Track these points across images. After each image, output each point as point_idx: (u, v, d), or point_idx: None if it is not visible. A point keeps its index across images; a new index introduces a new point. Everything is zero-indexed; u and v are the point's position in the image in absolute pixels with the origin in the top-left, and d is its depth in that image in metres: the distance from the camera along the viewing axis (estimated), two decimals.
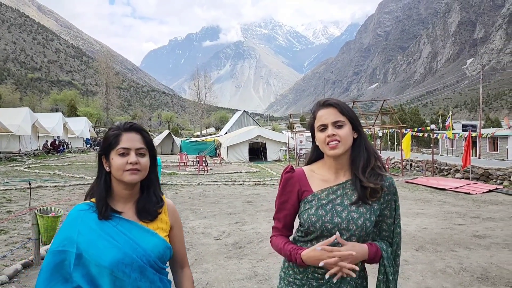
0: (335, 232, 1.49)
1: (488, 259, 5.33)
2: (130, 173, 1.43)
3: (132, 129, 1.49)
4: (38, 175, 15.63)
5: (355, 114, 1.57)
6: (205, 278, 4.56)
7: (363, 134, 1.58)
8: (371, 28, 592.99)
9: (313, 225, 1.51)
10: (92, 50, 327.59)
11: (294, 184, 1.60)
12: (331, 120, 1.53)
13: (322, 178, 1.59)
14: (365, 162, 1.55)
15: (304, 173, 1.63)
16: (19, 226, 6.89)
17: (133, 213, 1.50)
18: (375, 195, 1.53)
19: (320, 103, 1.60)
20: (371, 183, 1.51)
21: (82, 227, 1.42)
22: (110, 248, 1.38)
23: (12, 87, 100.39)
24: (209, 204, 9.55)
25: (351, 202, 1.53)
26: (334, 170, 1.59)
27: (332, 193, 1.55)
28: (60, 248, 1.40)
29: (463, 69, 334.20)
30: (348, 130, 1.53)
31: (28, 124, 26.92)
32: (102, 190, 1.47)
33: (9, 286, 4.19)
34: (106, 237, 1.40)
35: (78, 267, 1.38)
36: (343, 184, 1.56)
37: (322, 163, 1.63)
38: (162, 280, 1.48)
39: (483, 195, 11.05)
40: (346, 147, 1.53)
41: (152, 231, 1.49)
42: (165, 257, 1.50)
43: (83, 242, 1.39)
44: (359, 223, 1.50)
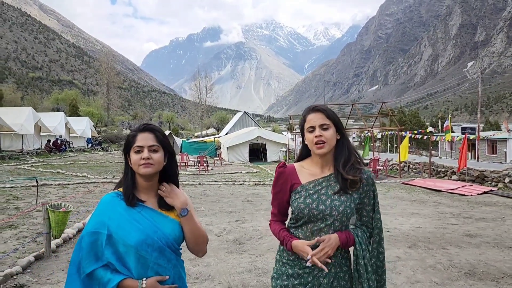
0: (320, 217, 1.78)
1: (477, 256, 5.59)
2: (143, 167, 1.71)
3: (145, 129, 1.77)
4: (42, 174, 15.89)
5: (339, 119, 1.87)
6: (207, 271, 4.82)
7: (345, 135, 1.88)
8: (372, 30, 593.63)
9: (301, 212, 1.79)
10: (93, 50, 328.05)
11: (286, 177, 1.88)
12: (318, 123, 1.81)
13: (310, 172, 1.88)
14: (346, 159, 1.83)
15: (295, 168, 1.91)
16: (27, 222, 7.16)
17: (154, 202, 1.78)
18: (355, 186, 1.81)
19: (310, 108, 1.89)
20: (350, 176, 1.79)
21: (112, 212, 1.69)
22: (135, 231, 1.66)
23: (13, 86, 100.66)
24: (210, 203, 9.81)
25: (334, 192, 1.80)
26: (320, 166, 1.88)
27: (318, 185, 1.83)
28: (93, 230, 1.68)
29: (464, 71, 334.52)
30: (333, 132, 1.82)
31: (31, 123, 27.21)
32: (128, 182, 1.76)
33: (23, 276, 4.46)
34: (132, 221, 1.68)
35: (108, 246, 1.66)
36: (327, 177, 1.85)
37: (310, 160, 1.92)
38: (177, 259, 1.76)
39: (478, 197, 11.31)
40: (330, 147, 1.82)
41: (170, 217, 1.76)
42: (180, 240, 1.78)
43: (113, 225, 1.67)
44: (340, 209, 1.78)
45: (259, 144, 28.56)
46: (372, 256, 1.87)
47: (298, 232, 1.84)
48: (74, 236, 6.24)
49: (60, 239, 5.64)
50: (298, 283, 1.81)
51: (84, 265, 1.65)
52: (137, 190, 1.78)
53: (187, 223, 1.77)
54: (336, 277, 1.82)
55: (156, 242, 1.67)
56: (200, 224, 1.84)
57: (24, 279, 4.37)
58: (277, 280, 1.87)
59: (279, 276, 1.87)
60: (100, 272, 1.64)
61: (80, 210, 8.32)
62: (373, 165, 17.02)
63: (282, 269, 1.87)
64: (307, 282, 1.80)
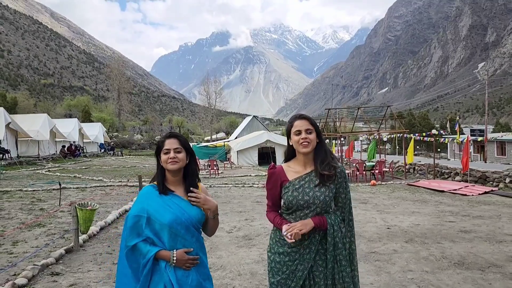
0: (306, 206, 2.27)
1: (468, 249, 6.03)
2: (171, 164, 2.28)
3: (171, 136, 2.36)
4: (60, 178, 16.60)
5: (318, 127, 2.40)
6: (219, 262, 5.36)
7: (323, 140, 2.41)
8: (381, 33, 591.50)
9: (290, 203, 2.28)
10: (104, 56, 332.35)
11: (277, 177, 2.36)
12: (304, 127, 2.30)
13: (295, 171, 2.36)
14: (323, 158, 2.34)
15: (283, 168, 2.39)
16: (54, 221, 7.78)
17: (181, 192, 2.34)
18: (330, 179, 2.31)
19: (296, 116, 2.39)
20: (325, 172, 2.30)
21: (150, 200, 2.26)
22: (168, 213, 2.22)
23: (26, 93, 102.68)
24: (221, 203, 10.36)
25: (315, 185, 2.29)
26: (303, 164, 2.36)
27: (302, 180, 2.31)
28: (136, 214, 2.25)
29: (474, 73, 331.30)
30: (315, 136, 2.32)
31: (46, 130, 28.11)
32: (160, 177, 2.33)
33: (57, 266, 5.05)
34: (165, 206, 2.24)
35: (148, 226, 2.22)
36: (309, 173, 2.33)
37: (294, 160, 2.41)
38: (198, 235, 2.32)
39: (479, 197, 11.69)
40: (313, 147, 2.31)
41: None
42: (201, 220, 2.33)
43: (151, 209, 2.23)
44: (321, 198, 2.27)
45: (268, 147, 29.06)
46: (345, 236, 2.35)
47: (290, 217, 2.32)
48: (98, 233, 6.84)
49: (86, 235, 6.23)
50: (288, 259, 2.29)
51: (129, 240, 2.22)
52: (167, 182, 2.34)
53: (213, 222, 2.37)
54: (317, 253, 2.32)
55: (183, 222, 2.23)
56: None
57: (58, 268, 4.96)
58: (272, 255, 2.36)
59: (273, 253, 2.35)
60: (141, 244, 2.21)
61: (100, 211, 8.92)
62: (379, 167, 17.42)
63: (275, 247, 2.35)
64: (295, 259, 2.28)
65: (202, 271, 2.30)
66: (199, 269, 2.28)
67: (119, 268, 2.26)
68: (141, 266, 2.20)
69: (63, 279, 4.57)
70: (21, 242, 6.21)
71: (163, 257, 2.20)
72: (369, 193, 13.04)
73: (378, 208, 9.88)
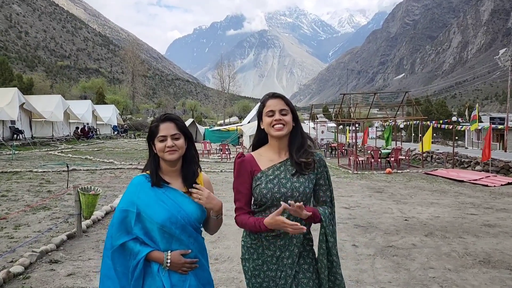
0: (283, 199, 1.87)
1: (494, 245, 5.63)
2: (169, 153, 1.91)
3: (166, 119, 1.97)
4: (71, 159, 16.56)
5: (294, 107, 2.01)
6: (227, 253, 5.07)
7: (299, 123, 2.02)
8: (398, 17, 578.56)
9: (264, 197, 1.90)
10: (119, 39, 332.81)
11: (246, 166, 1.98)
12: (278, 108, 1.94)
13: (268, 159, 1.99)
14: (299, 144, 1.97)
15: (253, 156, 2.02)
16: (59, 204, 7.60)
17: (178, 184, 1.98)
18: (309, 167, 1.94)
19: (269, 94, 2.01)
20: (302, 159, 1.93)
21: (141, 192, 1.92)
22: (161, 210, 1.88)
23: (43, 75, 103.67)
24: (231, 189, 10.04)
25: (292, 174, 1.93)
26: (277, 151, 2.00)
27: (276, 169, 1.95)
28: (124, 208, 1.91)
29: (495, 59, 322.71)
30: (290, 117, 1.95)
31: (60, 111, 28.18)
32: (152, 166, 1.98)
33: (57, 253, 4.82)
34: (158, 201, 1.89)
35: (137, 223, 1.89)
36: (284, 161, 1.97)
37: (267, 147, 2.04)
38: (197, 236, 1.98)
39: (501, 188, 11.17)
40: (288, 131, 1.95)
41: (191, 198, 1.96)
42: (201, 219, 1.99)
43: (141, 204, 1.89)
44: (301, 190, 1.90)
45: None
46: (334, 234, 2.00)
47: (262, 216, 1.92)
48: (103, 218, 6.61)
49: (90, 220, 6.00)
50: (266, 268, 1.95)
51: (115, 238, 1.89)
52: (162, 173, 1.99)
53: (215, 222, 2.03)
54: (301, 256, 1.96)
55: (179, 220, 1.88)
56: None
57: (58, 255, 4.73)
58: (246, 263, 2.01)
59: (247, 260, 2.00)
60: (130, 244, 1.88)
61: (108, 194, 8.73)
62: (395, 154, 16.92)
63: (246, 254, 2.00)
64: (273, 264, 1.93)
65: (202, 275, 1.98)
66: (198, 273, 1.95)
67: (103, 271, 1.93)
68: (131, 268, 1.88)
69: (62, 268, 4.33)
70: (23, 226, 6.01)
71: (156, 259, 1.87)
72: (385, 181, 12.61)
73: (395, 198, 9.48)
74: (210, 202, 1.94)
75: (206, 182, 2.09)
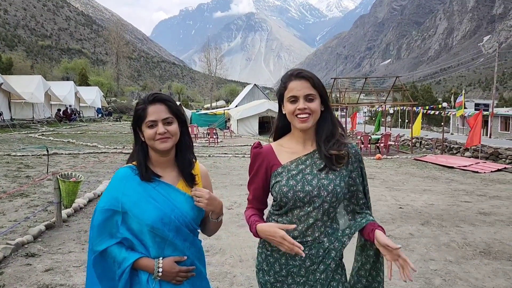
0: (307, 200, 1.54)
1: (492, 235, 5.48)
2: (160, 142, 1.57)
3: (156, 100, 1.60)
4: (53, 143, 15.98)
5: (325, 88, 1.63)
6: (218, 244, 4.78)
7: (330, 107, 1.64)
8: (386, 2, 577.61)
9: (285, 196, 1.55)
10: (102, 19, 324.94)
11: (263, 159, 1.65)
12: (303, 93, 1.55)
13: (290, 151, 1.64)
14: (329, 133, 1.60)
15: (272, 148, 1.67)
16: (38, 191, 7.18)
17: (171, 177, 1.65)
18: (341, 161, 1.58)
19: (293, 74, 1.60)
20: (333, 151, 1.57)
21: (126, 188, 1.58)
22: (151, 209, 1.55)
23: (23, 54, 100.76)
24: (220, 175, 9.77)
25: (320, 169, 1.58)
26: (302, 141, 1.64)
27: (301, 164, 1.60)
28: (107, 207, 1.58)
29: (479, 46, 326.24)
30: (318, 104, 1.57)
31: (41, 92, 27.25)
32: (140, 156, 1.63)
33: (34, 245, 4.46)
34: (147, 198, 1.56)
35: (123, 224, 1.57)
36: (311, 154, 1.62)
37: (290, 136, 1.68)
38: (194, 239, 1.66)
39: (491, 174, 11.13)
40: (315, 121, 1.59)
41: (188, 194, 1.63)
42: (198, 219, 1.67)
43: (128, 202, 1.56)
44: (329, 189, 1.54)
45: (269, 117, 28.35)
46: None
47: (282, 219, 1.60)
48: (85, 206, 6.25)
49: (71, 209, 5.64)
50: (291, 281, 1.60)
51: (96, 243, 1.57)
52: (152, 164, 1.65)
53: (215, 224, 1.71)
54: (336, 272, 1.62)
55: (173, 221, 1.57)
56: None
57: (35, 248, 4.37)
58: (264, 275, 1.65)
59: (266, 271, 1.64)
60: (114, 249, 1.56)
61: (91, 180, 8.33)
62: (385, 140, 16.81)
63: (267, 262, 1.64)
64: (300, 277, 1.59)
65: (199, 285, 1.68)
66: (195, 282, 1.65)
67: (88, 276, 1.61)
68: (117, 277, 1.56)
69: (39, 262, 3.99)
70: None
71: (145, 267, 1.56)
72: (375, 167, 12.47)
73: (387, 184, 9.32)
74: (212, 204, 1.61)
75: (203, 174, 1.77)
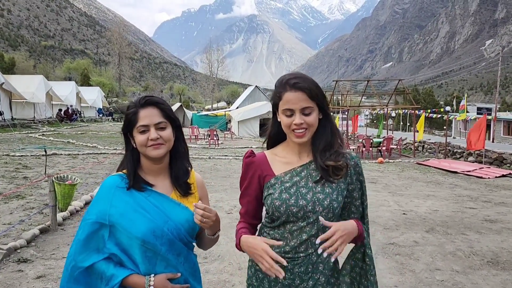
0: (301, 215, 1.43)
1: (499, 243, 5.33)
2: (153, 149, 1.45)
3: (148, 104, 1.47)
4: (53, 143, 15.87)
5: (324, 96, 1.48)
6: (217, 250, 4.64)
7: (330, 116, 1.51)
8: (388, 5, 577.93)
9: (277, 210, 1.44)
10: (105, 20, 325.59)
11: (255, 169, 1.53)
12: (299, 106, 1.41)
13: (285, 161, 1.52)
14: (327, 143, 1.48)
15: (266, 157, 1.55)
16: (35, 192, 7.05)
17: (164, 186, 1.52)
18: (339, 172, 1.46)
19: (289, 83, 1.43)
20: (330, 162, 1.45)
21: (115, 199, 1.45)
22: (142, 220, 1.42)
23: (26, 54, 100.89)
24: (221, 178, 9.63)
25: (316, 181, 1.46)
26: (298, 151, 1.52)
27: (296, 175, 1.48)
28: (94, 219, 1.44)
29: (481, 50, 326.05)
30: (316, 116, 1.45)
31: (42, 92, 27.17)
32: (131, 164, 1.50)
33: (28, 250, 4.32)
34: (138, 209, 1.43)
35: (111, 237, 1.43)
36: (306, 165, 1.50)
37: (285, 145, 1.56)
38: (188, 254, 1.53)
39: (496, 180, 10.97)
40: (312, 134, 1.46)
41: (183, 205, 1.51)
42: (194, 231, 1.54)
43: (116, 213, 1.42)
44: (325, 204, 1.43)
45: (270, 119, 28.21)
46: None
47: (274, 232, 1.48)
48: (82, 208, 6.11)
49: (66, 212, 5.50)
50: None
51: (81, 258, 1.42)
52: (143, 172, 1.52)
53: (210, 240, 1.58)
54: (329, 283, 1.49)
55: (166, 234, 1.44)
56: None
57: (28, 253, 4.23)
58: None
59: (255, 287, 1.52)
60: (102, 265, 1.42)
61: (89, 182, 8.20)
62: (387, 143, 16.66)
63: (256, 277, 1.52)
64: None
65: None
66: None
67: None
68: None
69: (31, 268, 3.85)
70: None
71: (135, 285, 1.42)
72: (377, 171, 12.32)
73: (390, 189, 9.16)
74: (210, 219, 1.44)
75: (199, 184, 1.63)
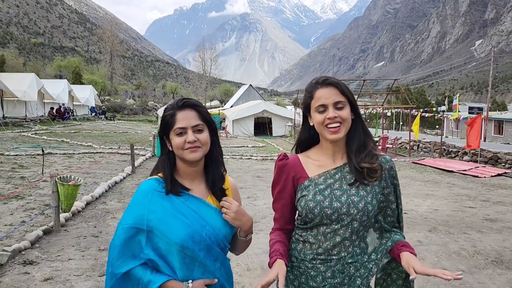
0: (335, 218, 1.43)
1: (501, 243, 5.38)
2: (190, 151, 1.43)
3: (185, 106, 1.47)
4: (46, 142, 15.69)
5: (353, 95, 1.50)
6: None
7: (361, 116, 1.52)
8: (380, 5, 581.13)
9: (311, 212, 1.44)
10: (96, 17, 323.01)
11: (289, 171, 1.53)
12: (332, 100, 1.44)
13: (318, 164, 1.52)
14: (361, 144, 1.49)
15: (299, 159, 1.55)
16: (34, 192, 6.96)
17: (200, 191, 1.50)
18: (373, 175, 1.46)
19: (319, 81, 1.48)
20: (365, 164, 1.45)
21: (153, 203, 1.42)
22: (180, 226, 1.40)
23: (15, 52, 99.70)
24: None
25: (350, 184, 1.46)
26: (332, 154, 1.52)
27: (330, 178, 1.48)
28: (131, 224, 1.41)
29: (471, 50, 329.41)
30: (349, 112, 1.46)
31: (34, 90, 26.83)
32: (168, 168, 1.48)
33: (32, 252, 4.26)
34: (176, 214, 1.41)
35: (148, 243, 1.40)
36: (340, 167, 1.50)
37: (318, 148, 1.56)
38: (224, 259, 1.52)
39: (492, 179, 11.07)
40: (347, 130, 1.47)
41: (220, 210, 1.50)
42: (230, 236, 1.52)
43: (154, 219, 1.40)
44: (360, 206, 1.43)
45: (265, 118, 28.24)
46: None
47: (307, 234, 1.49)
48: (83, 209, 6.04)
49: (69, 213, 5.43)
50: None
51: (118, 264, 1.39)
52: (179, 176, 1.50)
53: (244, 243, 1.58)
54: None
55: (204, 239, 1.42)
56: None
57: (33, 255, 4.17)
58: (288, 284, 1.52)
59: (290, 280, 1.53)
60: (138, 271, 1.39)
61: (88, 182, 8.12)
62: (383, 143, 16.75)
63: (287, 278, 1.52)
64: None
65: None
66: None
67: None
68: None
69: (37, 270, 3.79)
70: None
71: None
72: None
73: None
74: (240, 219, 1.47)
75: (233, 189, 1.62)
